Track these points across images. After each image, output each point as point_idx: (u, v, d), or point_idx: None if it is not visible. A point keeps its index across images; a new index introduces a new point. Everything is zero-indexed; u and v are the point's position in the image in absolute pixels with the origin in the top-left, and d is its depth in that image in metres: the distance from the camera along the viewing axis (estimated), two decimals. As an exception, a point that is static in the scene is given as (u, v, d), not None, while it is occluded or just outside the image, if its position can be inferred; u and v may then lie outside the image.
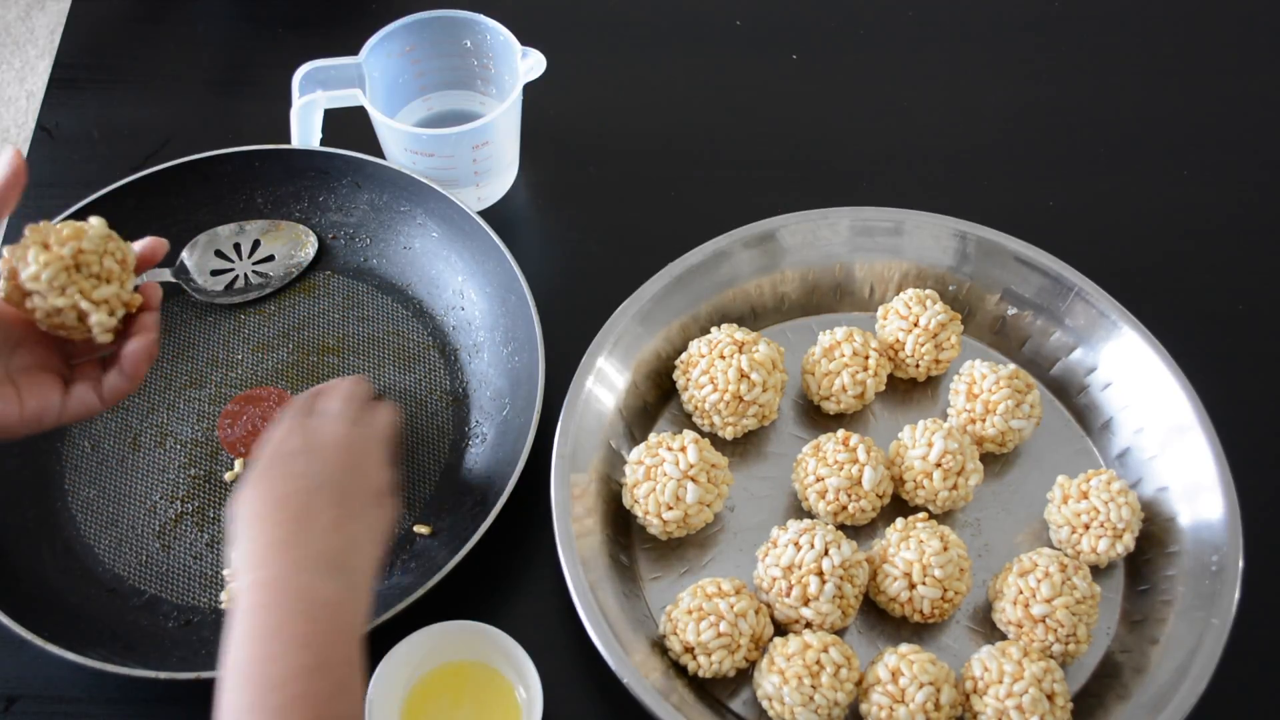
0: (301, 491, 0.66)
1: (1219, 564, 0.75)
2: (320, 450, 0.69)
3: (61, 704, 0.76)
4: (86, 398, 0.68)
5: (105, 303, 0.66)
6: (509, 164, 0.97)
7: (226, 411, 0.86)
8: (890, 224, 0.89)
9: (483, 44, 0.94)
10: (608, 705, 0.75)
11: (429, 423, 0.86)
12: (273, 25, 1.08)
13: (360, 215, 0.93)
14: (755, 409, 0.82)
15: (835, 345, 0.84)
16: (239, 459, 0.84)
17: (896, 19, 1.09)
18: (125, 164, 0.95)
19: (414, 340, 0.90)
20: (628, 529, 0.81)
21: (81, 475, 0.84)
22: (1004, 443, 0.82)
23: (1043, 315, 0.87)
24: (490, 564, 0.79)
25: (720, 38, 1.08)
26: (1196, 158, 1.01)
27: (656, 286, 0.85)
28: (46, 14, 2.04)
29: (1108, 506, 0.77)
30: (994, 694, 0.70)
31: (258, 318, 0.91)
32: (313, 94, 0.88)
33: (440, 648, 0.73)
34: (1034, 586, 0.73)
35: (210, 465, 0.84)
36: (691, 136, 1.02)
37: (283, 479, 0.67)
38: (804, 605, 0.73)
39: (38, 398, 0.66)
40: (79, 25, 1.08)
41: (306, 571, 0.62)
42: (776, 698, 0.71)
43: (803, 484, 0.80)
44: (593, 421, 0.81)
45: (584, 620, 0.72)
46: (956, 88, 1.06)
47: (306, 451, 0.68)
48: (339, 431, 0.70)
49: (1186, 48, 1.09)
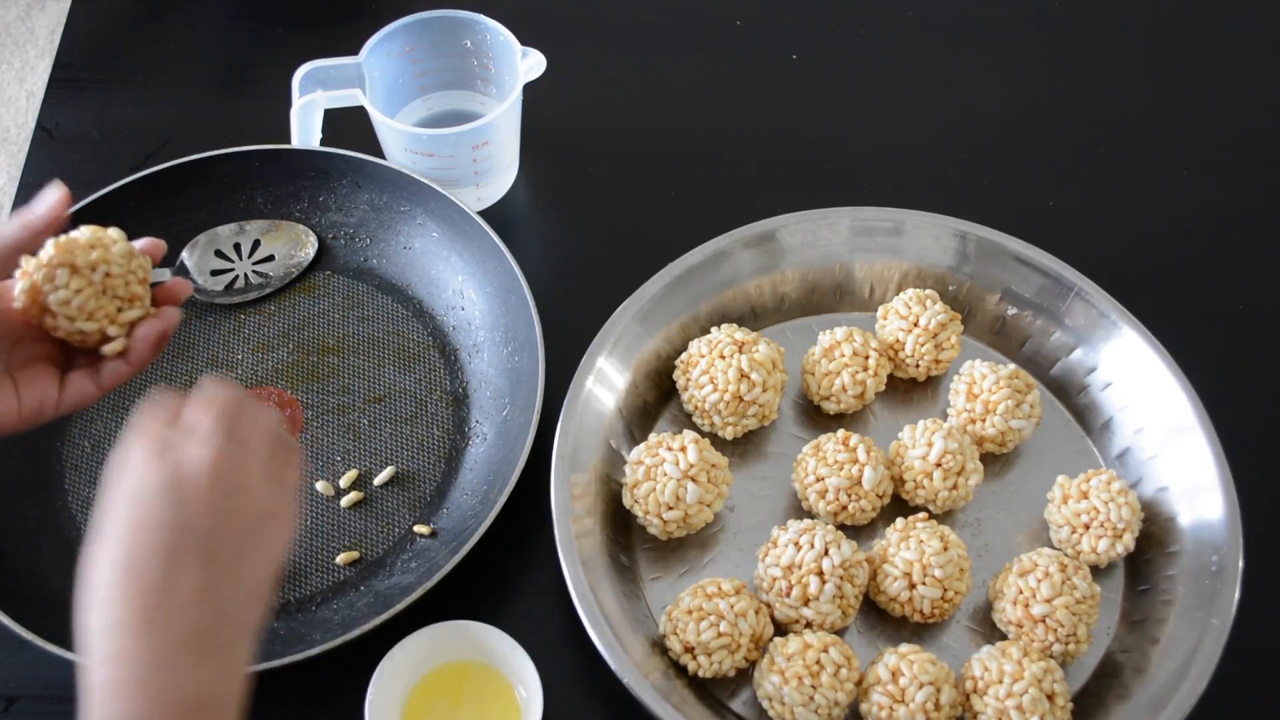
0: (159, 551, 0.55)
1: (1219, 564, 0.75)
2: (183, 486, 0.57)
3: (61, 704, 0.76)
4: (84, 387, 0.66)
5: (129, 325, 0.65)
6: (509, 164, 0.97)
7: (226, 411, 0.86)
8: (890, 224, 0.89)
9: (483, 44, 0.94)
10: (608, 705, 0.75)
11: (429, 423, 0.86)
12: (273, 25, 1.08)
13: (360, 215, 0.93)
14: (755, 409, 0.82)
15: (835, 345, 0.84)
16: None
17: (896, 19, 1.09)
18: (125, 164, 0.95)
19: (414, 340, 0.90)
20: (628, 529, 0.81)
21: (81, 475, 0.84)
22: (1004, 443, 0.82)
23: (1043, 315, 0.87)
24: (490, 564, 0.79)
25: (720, 38, 1.08)
26: (1196, 158, 1.01)
27: (656, 286, 0.85)
28: (46, 14, 2.04)
29: (1108, 506, 0.77)
30: (994, 694, 0.70)
31: (258, 318, 0.91)
32: (313, 94, 0.88)
33: (440, 648, 0.73)
34: (1034, 586, 0.73)
35: (210, 465, 0.84)
36: (691, 136, 1.02)
37: (137, 534, 0.56)
38: (804, 605, 0.73)
39: (36, 393, 0.64)
40: (79, 25, 1.08)
41: (166, 667, 0.54)
42: (776, 698, 0.71)
43: (803, 484, 0.80)
44: (593, 421, 0.81)
45: (584, 620, 0.72)
46: (956, 88, 1.06)
47: (166, 490, 0.57)
48: (205, 457, 0.58)
49: (1186, 47, 1.09)
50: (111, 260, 0.64)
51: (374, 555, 0.81)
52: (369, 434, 0.85)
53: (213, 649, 0.55)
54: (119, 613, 0.54)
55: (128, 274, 0.65)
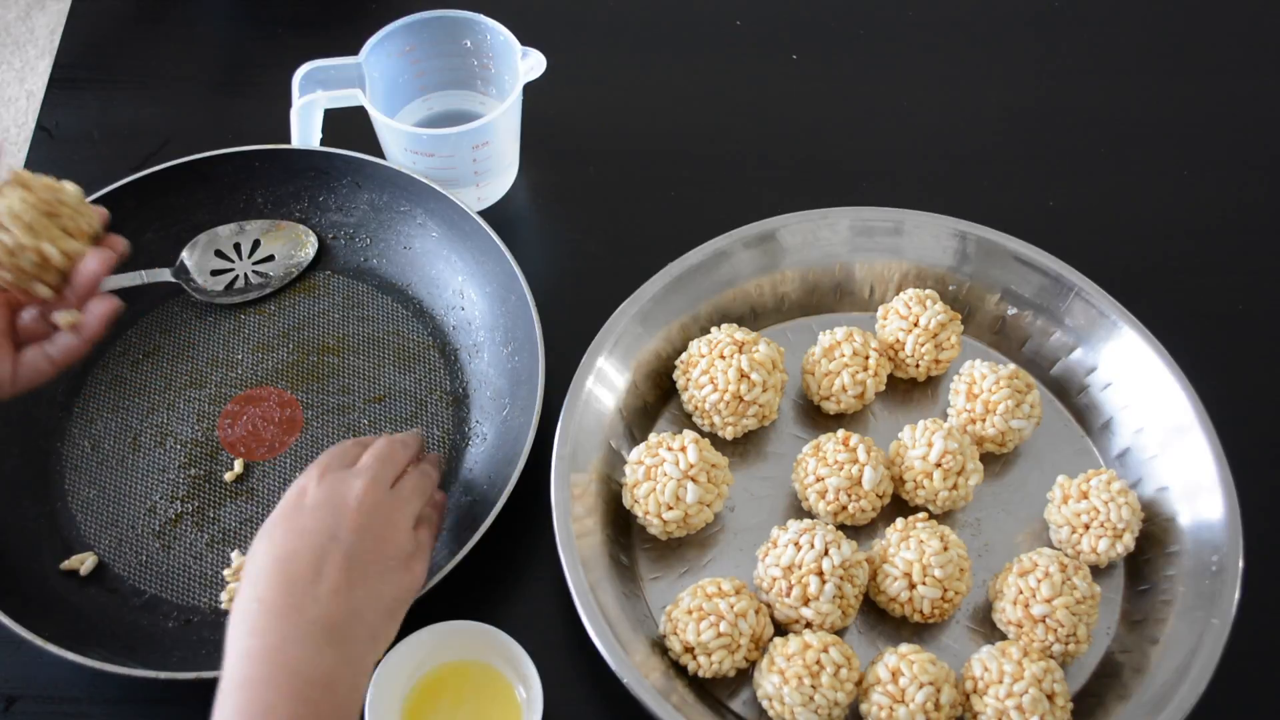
0: (307, 550, 0.64)
1: (1219, 564, 0.75)
2: (338, 507, 0.67)
3: (61, 704, 0.76)
4: (38, 363, 0.70)
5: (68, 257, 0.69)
6: (509, 164, 0.97)
7: (226, 411, 0.86)
8: (890, 224, 0.89)
9: (483, 44, 0.94)
10: (608, 705, 0.75)
11: (429, 423, 0.86)
12: (273, 25, 1.08)
13: (360, 215, 0.93)
14: (755, 409, 0.82)
15: (835, 345, 0.84)
16: (239, 459, 0.84)
17: (896, 19, 1.09)
18: (125, 164, 0.95)
19: (414, 340, 0.90)
20: (628, 529, 0.81)
21: (81, 475, 0.84)
22: (1004, 443, 0.82)
23: (1043, 315, 0.87)
24: (490, 564, 0.79)
25: (720, 38, 1.08)
26: (1196, 158, 1.01)
27: (656, 286, 0.85)
28: (46, 14, 2.04)
29: (1108, 506, 0.77)
30: (994, 694, 0.70)
31: (258, 318, 0.91)
32: (313, 94, 0.88)
33: (440, 648, 0.73)
34: (1034, 586, 0.73)
35: (210, 465, 0.84)
36: (692, 136, 1.02)
37: (292, 534, 0.65)
38: (804, 605, 0.73)
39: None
40: (79, 25, 1.08)
41: (300, 644, 0.61)
42: (777, 698, 0.71)
43: (803, 484, 0.80)
44: (593, 421, 0.81)
45: (584, 620, 0.72)
46: (956, 88, 1.06)
47: (322, 507, 0.67)
48: (362, 490, 0.68)
49: (1186, 47, 1.09)
50: (63, 194, 0.69)
51: (374, 555, 0.81)
52: (369, 434, 0.85)
53: (341, 641, 0.62)
54: (267, 595, 0.62)
55: (76, 212, 0.70)
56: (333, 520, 0.66)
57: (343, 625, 0.63)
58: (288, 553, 0.64)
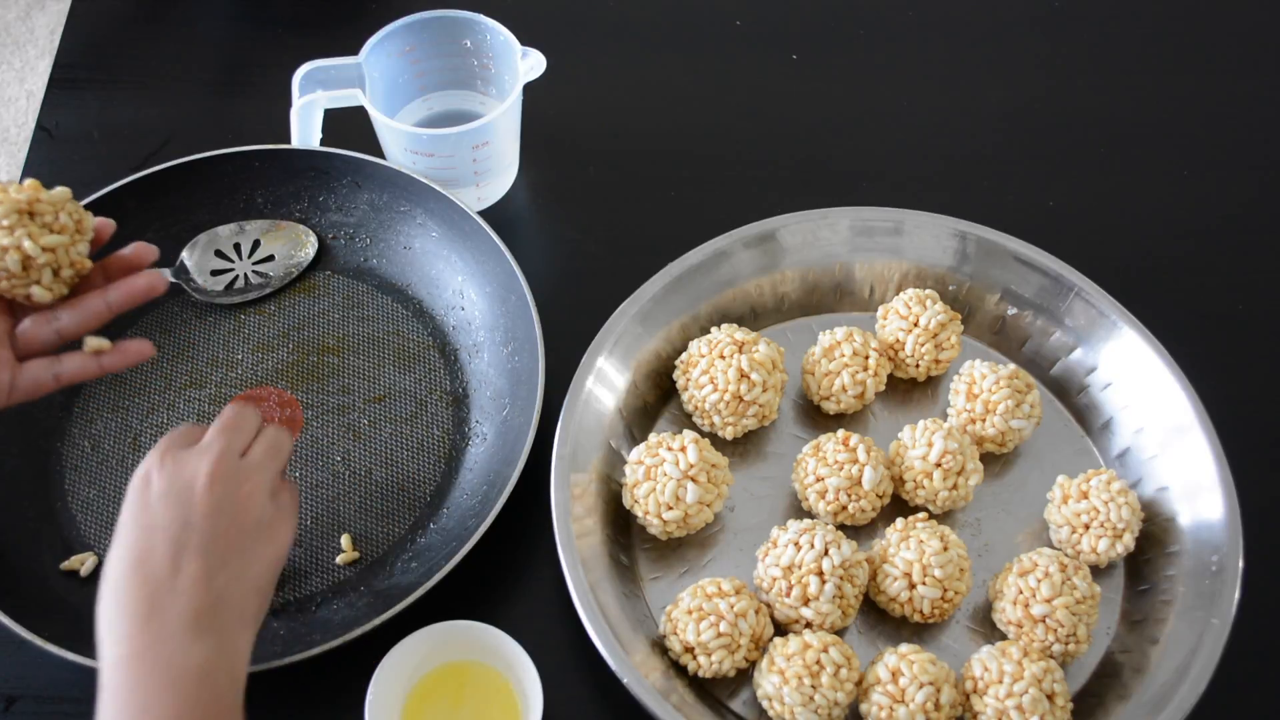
0: (161, 545, 0.62)
1: (1219, 564, 0.75)
2: (185, 493, 0.64)
3: (61, 704, 0.76)
4: (40, 375, 0.68)
5: (51, 252, 0.67)
6: (509, 164, 0.97)
7: (226, 411, 0.86)
8: (890, 224, 0.89)
9: (483, 44, 0.94)
10: (608, 705, 0.75)
11: (429, 423, 0.86)
12: (273, 25, 1.08)
13: (360, 215, 0.93)
14: (755, 409, 0.82)
15: (835, 345, 0.84)
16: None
17: (896, 19, 1.09)
18: (125, 164, 0.95)
19: (414, 340, 0.90)
20: (628, 529, 0.81)
21: (81, 475, 0.84)
22: (1004, 443, 0.82)
23: (1043, 315, 0.87)
24: (490, 564, 0.79)
25: (720, 38, 1.08)
26: (1196, 158, 1.01)
27: (656, 286, 0.85)
28: (46, 14, 2.04)
29: (1108, 506, 0.77)
30: (994, 694, 0.70)
31: (258, 318, 0.91)
32: (313, 94, 0.88)
33: (440, 648, 0.73)
34: (1034, 586, 0.73)
35: (210, 465, 0.84)
36: (691, 136, 1.02)
37: (144, 533, 0.63)
38: (804, 605, 0.73)
39: None
40: (79, 25, 1.08)
41: (169, 641, 0.59)
42: (776, 698, 0.71)
43: (803, 484, 0.80)
44: (593, 421, 0.81)
45: (584, 620, 0.72)
46: (956, 88, 1.06)
47: (169, 495, 0.64)
48: (210, 469, 0.65)
49: (1186, 47, 1.09)
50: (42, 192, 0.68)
51: (374, 555, 0.81)
52: (369, 434, 0.85)
53: (211, 629, 0.61)
54: (127, 601, 0.61)
55: (59, 209, 0.68)
56: (183, 508, 0.64)
57: (210, 613, 0.61)
58: (143, 553, 0.62)
